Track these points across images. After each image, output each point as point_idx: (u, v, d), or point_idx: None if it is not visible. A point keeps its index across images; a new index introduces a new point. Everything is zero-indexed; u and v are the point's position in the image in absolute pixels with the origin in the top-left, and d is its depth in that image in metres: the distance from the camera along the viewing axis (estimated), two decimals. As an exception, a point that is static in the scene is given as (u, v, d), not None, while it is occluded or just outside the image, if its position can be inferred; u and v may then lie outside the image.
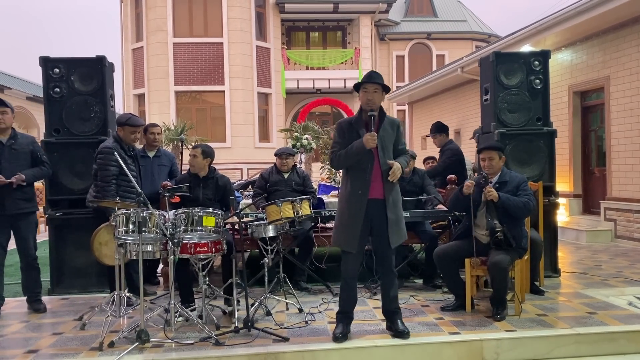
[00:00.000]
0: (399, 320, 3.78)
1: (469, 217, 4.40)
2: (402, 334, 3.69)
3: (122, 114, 4.93)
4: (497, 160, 4.38)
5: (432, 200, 5.42)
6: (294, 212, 4.34)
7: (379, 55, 24.66)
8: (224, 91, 18.78)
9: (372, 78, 3.68)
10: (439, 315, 4.27)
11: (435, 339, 3.71)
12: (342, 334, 3.66)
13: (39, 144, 4.95)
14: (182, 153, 6.52)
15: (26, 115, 18.41)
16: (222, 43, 18.73)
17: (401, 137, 3.84)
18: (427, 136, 6.76)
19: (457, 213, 4.87)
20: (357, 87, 3.76)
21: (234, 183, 6.83)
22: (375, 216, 3.67)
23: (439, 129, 6.47)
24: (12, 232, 4.55)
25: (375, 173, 3.64)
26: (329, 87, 20.90)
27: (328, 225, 5.40)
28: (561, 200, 6.65)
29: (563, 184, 9.25)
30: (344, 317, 3.77)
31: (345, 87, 20.96)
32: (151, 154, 5.56)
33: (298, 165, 6.03)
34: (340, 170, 4.16)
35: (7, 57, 78.00)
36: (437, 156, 7.10)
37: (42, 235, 4.95)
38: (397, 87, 21.82)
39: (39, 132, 17.10)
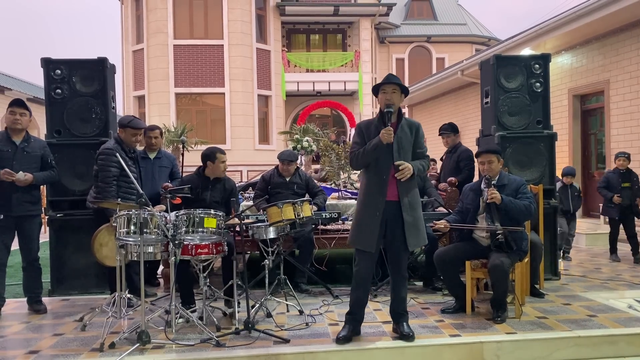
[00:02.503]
0: (404, 323, 3.77)
1: (470, 221, 4.41)
2: (407, 336, 3.68)
3: (124, 115, 4.94)
4: (496, 163, 4.39)
5: (433, 202, 5.42)
6: (294, 214, 4.34)
7: (379, 58, 24.71)
8: (224, 93, 18.81)
9: (390, 79, 3.71)
10: (439, 317, 4.28)
11: (436, 341, 3.71)
12: (345, 337, 3.65)
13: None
14: (182, 155, 6.52)
15: (26, 116, 18.38)
16: (223, 45, 18.77)
17: (421, 140, 3.79)
18: (439, 134, 6.67)
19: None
20: (375, 91, 3.76)
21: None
22: (390, 218, 3.66)
23: (454, 129, 6.35)
24: (17, 232, 4.56)
25: (391, 174, 3.64)
26: (329, 90, 20.92)
27: (329, 227, 5.40)
28: (561, 204, 6.75)
29: (563, 187, 9.25)
30: (352, 318, 3.76)
31: (345, 89, 20.99)
32: (152, 156, 5.57)
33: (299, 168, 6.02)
34: (350, 174, 4.17)
35: (8, 58, 78.05)
36: (436, 158, 7.08)
37: (43, 236, 4.95)
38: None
39: (39, 133, 17.10)
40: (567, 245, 7.07)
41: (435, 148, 9.90)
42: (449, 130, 6.36)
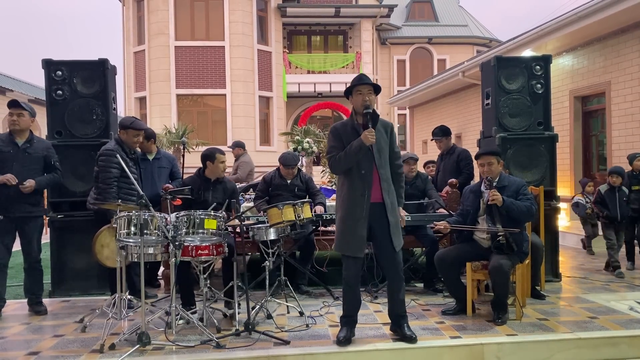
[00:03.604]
0: (405, 325, 3.76)
1: (470, 223, 4.41)
2: (409, 338, 3.67)
3: (125, 117, 4.94)
4: (496, 165, 4.39)
5: (434, 204, 5.42)
6: (295, 215, 4.34)
7: (380, 59, 24.71)
8: (225, 94, 18.82)
9: (363, 79, 3.70)
10: (440, 319, 4.27)
11: (436, 343, 3.70)
12: (345, 338, 3.65)
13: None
14: (183, 156, 6.52)
15: (28, 117, 18.39)
16: (224, 46, 18.79)
17: (395, 140, 3.84)
18: (431, 139, 6.69)
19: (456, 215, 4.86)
20: (348, 92, 3.76)
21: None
22: (375, 220, 3.66)
23: (445, 132, 6.41)
24: (18, 233, 4.56)
25: (374, 176, 3.64)
26: (330, 91, 20.93)
27: (329, 228, 5.40)
28: (562, 205, 6.61)
29: (564, 188, 9.25)
30: (348, 320, 3.76)
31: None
32: (151, 157, 5.56)
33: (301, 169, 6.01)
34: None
35: (10, 59, 78.19)
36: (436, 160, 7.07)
37: (44, 237, 4.95)
38: (398, 91, 21.89)
39: (40, 134, 17.10)
40: (614, 259, 6.04)
41: (433, 150, 9.88)
42: (440, 134, 6.42)
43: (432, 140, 6.61)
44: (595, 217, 6.83)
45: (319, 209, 5.20)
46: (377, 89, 3.73)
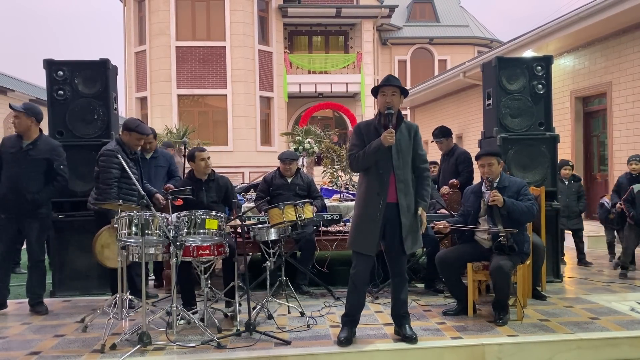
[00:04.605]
0: (407, 325, 3.76)
1: (471, 223, 4.40)
2: (410, 338, 3.67)
3: (130, 119, 4.93)
4: (497, 165, 4.38)
5: (435, 204, 5.41)
6: (296, 216, 4.34)
7: (381, 59, 24.70)
8: (226, 95, 18.83)
9: (390, 81, 3.69)
10: (440, 319, 4.27)
11: (437, 344, 3.70)
12: (346, 339, 3.65)
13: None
14: (184, 156, 6.51)
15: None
16: (225, 47, 18.80)
17: (420, 142, 3.81)
18: (431, 141, 6.66)
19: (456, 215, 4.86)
20: (375, 92, 3.75)
21: (236, 186, 6.83)
22: (389, 220, 3.66)
23: (445, 133, 6.36)
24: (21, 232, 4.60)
25: (391, 177, 3.64)
26: (331, 92, 20.94)
27: (330, 229, 5.40)
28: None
29: (565, 189, 9.22)
30: (350, 320, 3.75)
31: (347, 91, 21.00)
32: (148, 156, 5.56)
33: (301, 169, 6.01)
34: (352, 176, 4.16)
35: (11, 59, 78.31)
36: (438, 160, 7.07)
37: (44, 237, 4.96)
38: (399, 91, 21.85)
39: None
40: (623, 260, 5.81)
41: (437, 150, 9.88)
42: (440, 135, 6.35)
43: (432, 142, 6.58)
44: (617, 222, 6.32)
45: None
46: (402, 91, 3.71)
